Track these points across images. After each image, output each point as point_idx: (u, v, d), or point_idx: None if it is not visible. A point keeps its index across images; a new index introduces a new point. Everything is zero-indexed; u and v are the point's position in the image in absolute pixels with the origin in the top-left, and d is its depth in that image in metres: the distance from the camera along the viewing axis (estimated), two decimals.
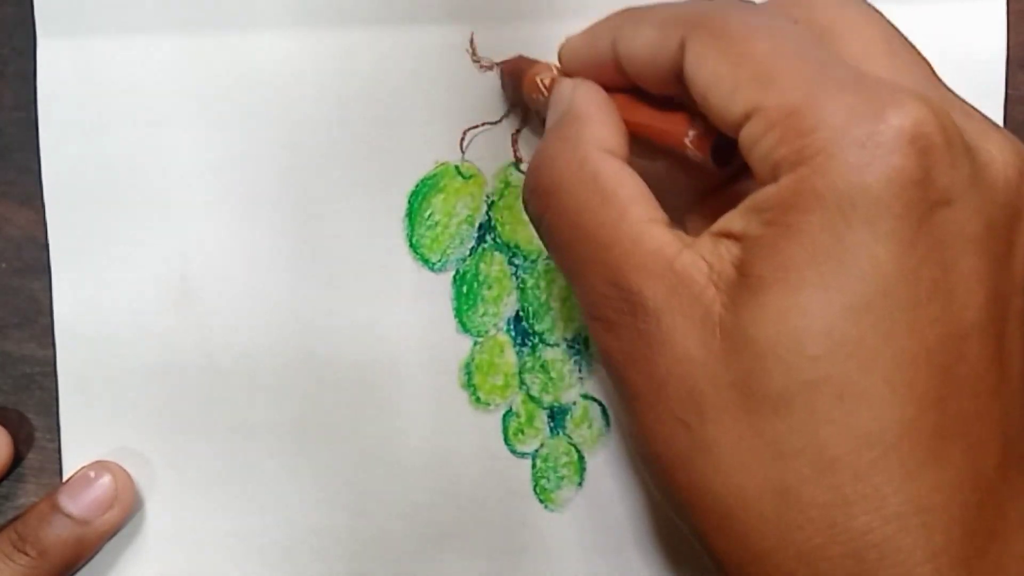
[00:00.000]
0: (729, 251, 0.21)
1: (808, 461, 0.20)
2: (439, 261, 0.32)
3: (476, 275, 0.32)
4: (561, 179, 0.24)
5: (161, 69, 0.31)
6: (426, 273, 0.32)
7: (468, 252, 0.32)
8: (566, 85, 0.26)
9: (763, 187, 0.21)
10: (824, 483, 0.20)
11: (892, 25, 0.24)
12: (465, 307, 0.32)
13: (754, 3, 0.24)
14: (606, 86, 0.26)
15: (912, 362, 0.20)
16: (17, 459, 0.33)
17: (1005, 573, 0.21)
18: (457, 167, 0.31)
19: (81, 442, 0.32)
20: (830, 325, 0.20)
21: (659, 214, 0.23)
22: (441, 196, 0.32)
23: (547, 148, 0.25)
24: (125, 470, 0.32)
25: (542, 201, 0.24)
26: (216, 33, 0.31)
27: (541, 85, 0.27)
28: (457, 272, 0.32)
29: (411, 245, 0.32)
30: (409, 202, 0.32)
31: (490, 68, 0.31)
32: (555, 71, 0.28)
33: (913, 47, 0.24)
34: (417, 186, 0.31)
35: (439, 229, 0.32)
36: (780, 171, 0.21)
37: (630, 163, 0.24)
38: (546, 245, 0.25)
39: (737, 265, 0.21)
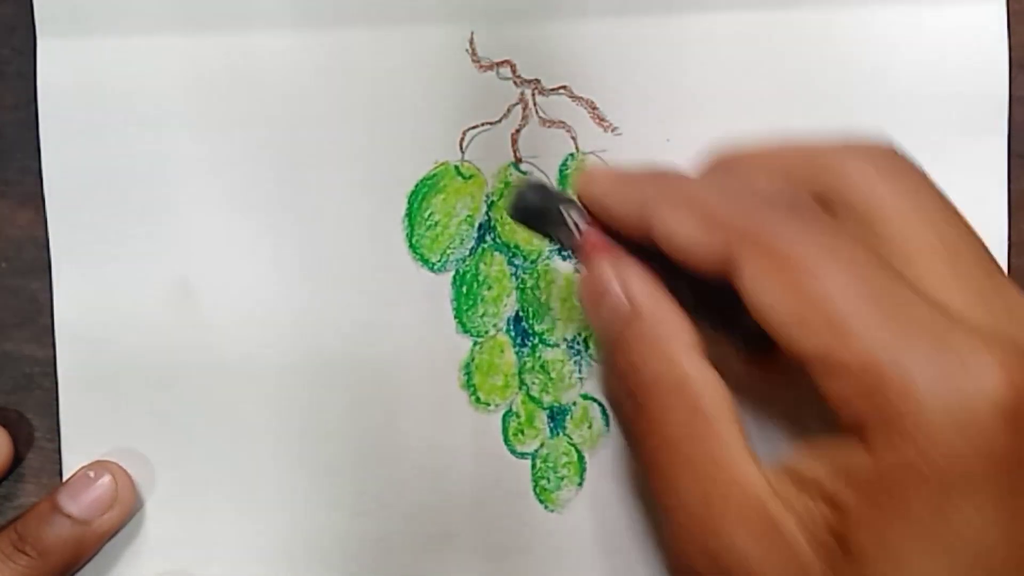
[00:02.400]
0: (821, 512, 0.20)
1: None
2: (439, 261, 0.32)
3: (476, 275, 0.32)
4: (652, 388, 0.22)
5: (161, 69, 0.31)
6: (426, 273, 0.32)
7: (468, 252, 0.32)
8: (605, 270, 0.23)
9: (850, 445, 0.20)
10: None
11: (945, 208, 0.22)
12: (465, 307, 0.32)
13: (811, 211, 0.22)
14: (635, 241, 0.23)
15: None
16: (17, 459, 0.33)
17: None
18: (457, 167, 0.31)
19: (81, 442, 0.32)
20: None
21: (740, 432, 0.22)
22: (441, 196, 0.32)
23: (632, 350, 0.23)
24: (125, 470, 0.32)
25: (629, 409, 0.23)
26: (216, 33, 0.31)
27: (571, 225, 0.24)
28: (457, 272, 0.32)
29: (411, 245, 0.32)
30: (409, 202, 0.32)
31: (490, 68, 0.31)
32: (569, 218, 0.24)
33: (969, 232, 0.22)
34: (417, 186, 0.31)
35: (439, 229, 0.32)
36: (866, 428, 0.20)
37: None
38: (634, 455, 0.23)
39: (833, 531, 0.20)
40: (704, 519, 0.21)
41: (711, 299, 0.23)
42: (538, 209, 0.24)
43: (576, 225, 0.24)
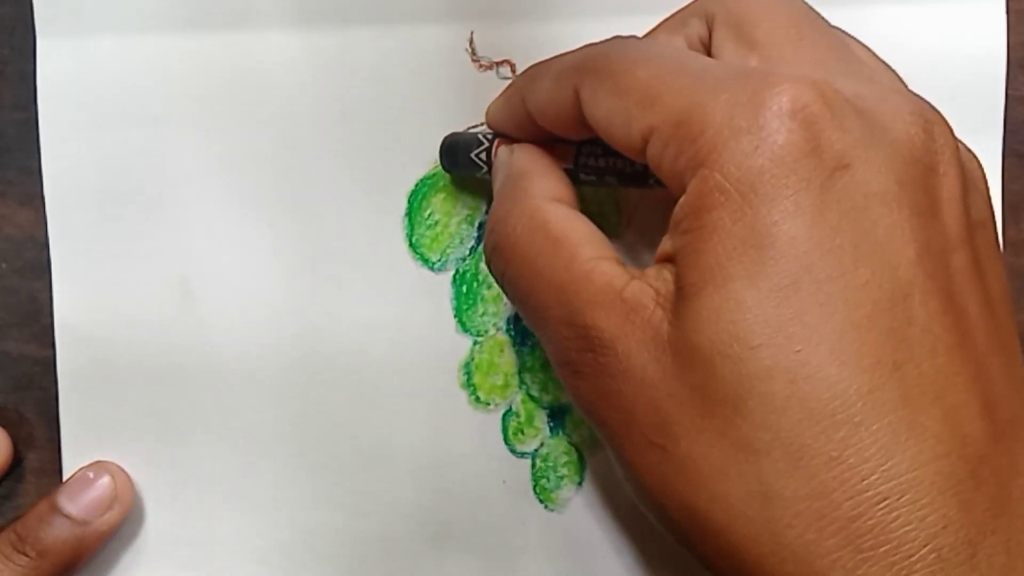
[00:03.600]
0: (671, 272, 0.22)
1: (780, 455, 0.20)
2: (439, 261, 0.32)
3: (476, 275, 0.32)
4: (514, 232, 0.24)
5: (161, 69, 0.31)
6: (426, 273, 0.32)
7: (468, 252, 0.32)
8: (504, 151, 0.27)
9: (680, 203, 0.21)
10: (801, 474, 0.20)
11: (805, 6, 0.24)
12: (465, 307, 0.32)
13: (637, 37, 0.25)
14: (534, 141, 0.27)
15: (855, 331, 0.20)
16: (17, 459, 0.33)
17: (1019, 552, 0.20)
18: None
19: (81, 442, 0.32)
20: (764, 312, 0.20)
21: (609, 252, 0.23)
22: (441, 196, 0.32)
23: (498, 208, 0.26)
24: (124, 470, 0.32)
25: (501, 258, 0.25)
26: (216, 33, 0.31)
27: (478, 160, 0.29)
28: (457, 272, 0.32)
29: (411, 245, 0.32)
30: (409, 202, 0.32)
31: (490, 68, 0.31)
32: (487, 141, 0.28)
33: (825, 24, 0.24)
34: (417, 186, 0.32)
35: (439, 229, 0.32)
36: (685, 179, 0.21)
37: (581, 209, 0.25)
38: (512, 300, 0.25)
39: (676, 281, 0.21)
40: (567, 314, 0.23)
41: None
42: (457, 149, 0.29)
43: (488, 141, 0.28)
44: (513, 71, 0.31)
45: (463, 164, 0.29)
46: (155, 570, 0.33)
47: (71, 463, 0.32)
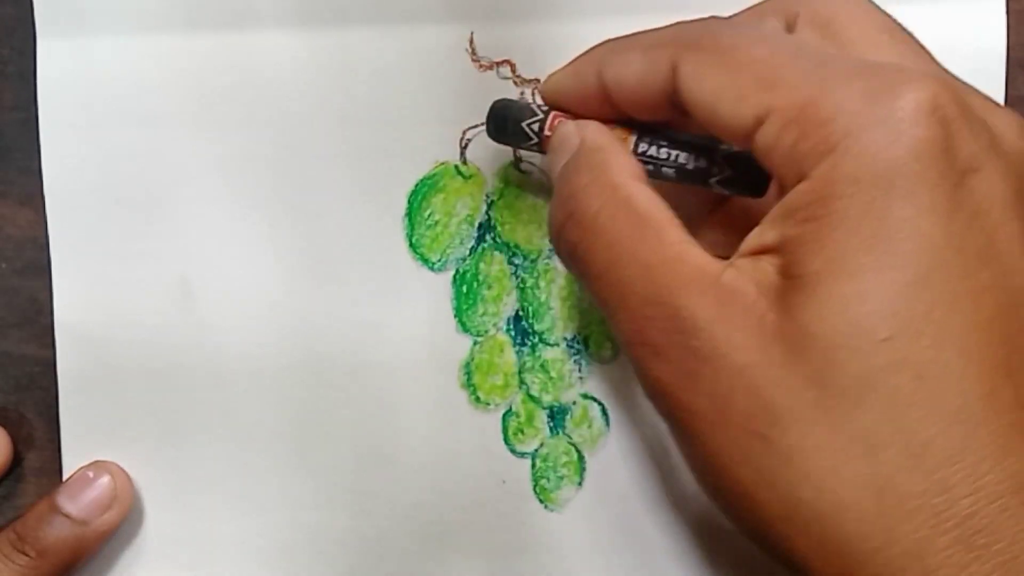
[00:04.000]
0: (771, 263, 0.21)
1: (900, 450, 0.19)
2: (439, 261, 0.32)
3: (476, 275, 0.32)
4: (594, 206, 0.23)
5: (161, 69, 0.31)
6: (426, 273, 0.32)
7: (468, 252, 0.32)
8: (569, 126, 0.26)
9: (790, 189, 0.21)
10: (920, 470, 0.19)
11: (886, 14, 0.24)
12: (465, 307, 0.32)
13: (742, 20, 0.24)
14: (594, 116, 0.26)
15: (979, 332, 0.20)
16: (17, 459, 0.33)
17: None
18: (457, 167, 0.31)
19: (81, 442, 0.32)
20: (895, 305, 0.20)
21: (692, 238, 0.23)
22: (441, 196, 0.32)
23: (573, 180, 0.24)
24: (124, 470, 0.32)
25: (578, 228, 0.24)
26: (216, 33, 0.31)
27: (529, 131, 0.27)
28: (457, 272, 0.32)
29: (411, 245, 0.32)
30: (409, 202, 0.32)
31: (490, 68, 0.31)
32: (540, 113, 0.27)
33: (912, 35, 0.24)
34: (417, 186, 0.31)
35: (439, 229, 0.32)
36: (806, 165, 0.20)
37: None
38: (581, 275, 0.24)
39: (782, 271, 0.21)
40: (651, 292, 0.22)
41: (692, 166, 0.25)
42: (508, 117, 0.28)
43: (543, 113, 0.27)
44: (513, 71, 0.31)
45: (512, 133, 0.28)
46: (155, 570, 0.33)
47: (71, 463, 0.32)
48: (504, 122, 0.28)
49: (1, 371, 0.33)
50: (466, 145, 0.31)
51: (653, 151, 0.25)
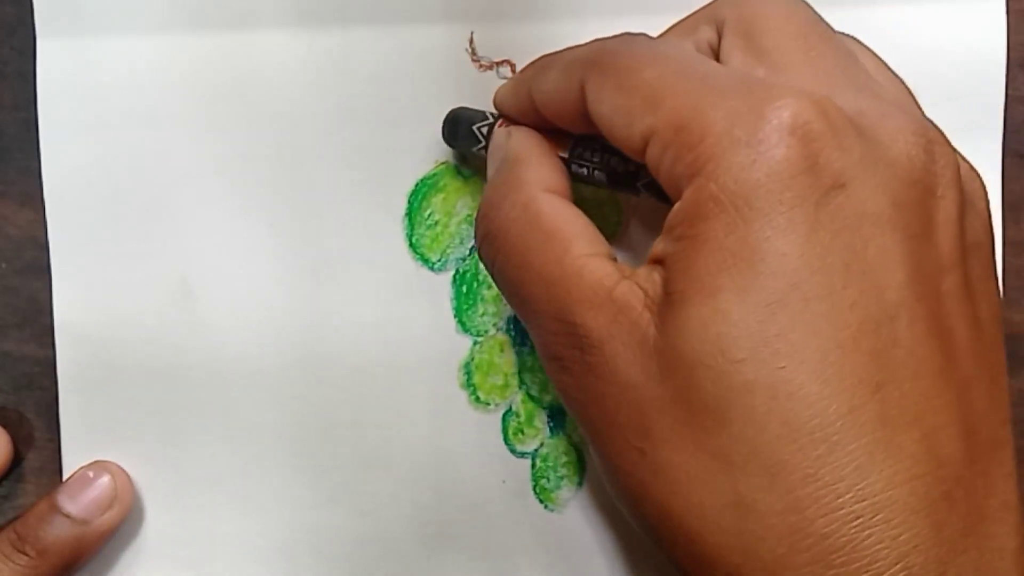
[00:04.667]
0: (660, 275, 0.22)
1: (757, 469, 0.20)
2: (439, 261, 0.32)
3: (476, 275, 0.32)
4: (507, 222, 0.24)
5: (161, 69, 0.31)
6: (426, 273, 0.32)
7: (468, 252, 0.32)
8: (500, 133, 0.27)
9: (676, 208, 0.21)
10: (777, 489, 0.20)
11: (814, 16, 0.24)
12: (465, 307, 0.32)
13: (648, 36, 0.25)
14: (536, 126, 0.27)
15: (839, 351, 0.20)
16: (17, 459, 0.33)
17: (989, 571, 0.20)
18: (457, 167, 0.31)
19: (81, 442, 0.32)
20: (749, 326, 0.20)
21: (602, 248, 0.23)
22: (441, 196, 0.32)
23: (491, 194, 0.25)
24: (124, 470, 0.32)
25: (492, 246, 0.25)
26: (216, 33, 0.31)
27: (479, 133, 0.28)
28: (457, 272, 0.32)
29: (411, 245, 0.32)
30: (409, 202, 0.32)
31: (490, 68, 0.31)
32: (491, 118, 0.28)
33: (833, 35, 0.24)
34: (417, 186, 0.32)
35: (439, 229, 0.32)
36: (682, 185, 0.21)
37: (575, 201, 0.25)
38: (501, 290, 0.25)
39: (664, 286, 0.21)
40: (556, 310, 0.23)
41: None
42: (461, 120, 0.29)
43: (493, 119, 0.28)
44: (513, 71, 0.31)
45: (463, 136, 0.29)
46: (155, 570, 0.33)
47: (71, 463, 0.32)
48: (456, 126, 0.29)
49: (1, 371, 0.33)
50: None
51: (588, 155, 0.26)
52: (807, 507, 0.19)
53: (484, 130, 0.28)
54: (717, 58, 0.25)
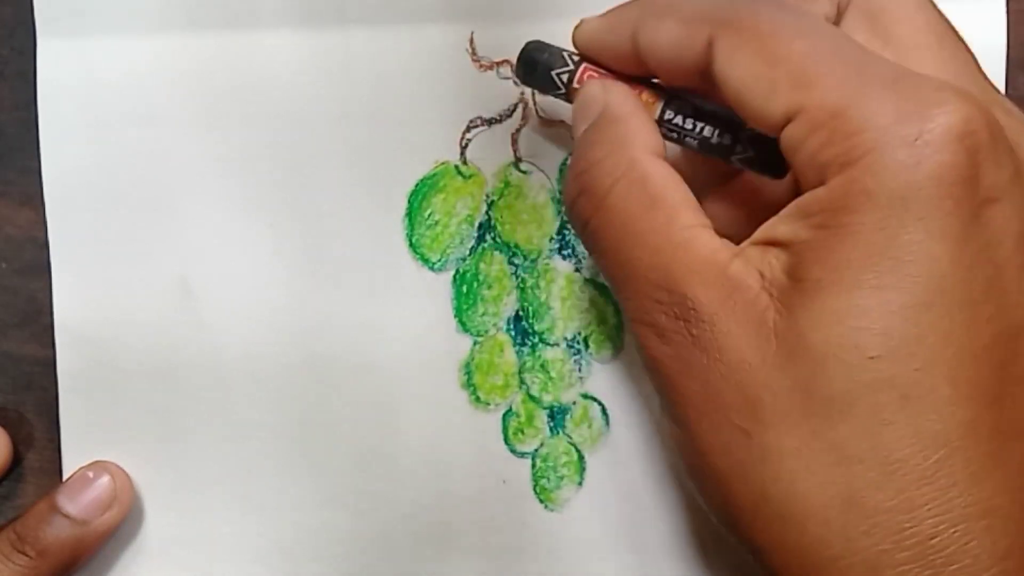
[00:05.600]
0: (778, 259, 0.21)
1: (873, 465, 0.20)
2: (439, 261, 0.32)
3: (476, 275, 0.32)
4: (608, 182, 0.23)
5: (161, 69, 0.31)
6: (426, 273, 0.32)
7: (468, 252, 0.32)
8: (595, 86, 0.25)
9: (809, 191, 0.21)
10: (890, 487, 0.20)
11: (940, 12, 0.24)
12: (465, 307, 0.32)
13: (786, 2, 0.23)
14: (625, 73, 0.25)
15: (972, 361, 0.20)
16: (17, 459, 0.33)
17: None
18: (457, 167, 0.31)
19: (81, 442, 0.32)
20: (889, 325, 0.20)
21: (706, 220, 0.23)
22: (441, 196, 0.32)
23: (591, 150, 0.24)
24: (124, 470, 0.32)
25: (590, 204, 0.24)
26: (216, 33, 0.31)
27: (558, 80, 0.27)
28: (457, 272, 0.32)
29: (411, 245, 0.32)
30: (409, 202, 0.32)
31: (490, 68, 0.31)
32: (571, 63, 0.26)
33: (959, 36, 0.24)
34: (417, 186, 0.31)
35: (439, 229, 0.32)
36: (828, 173, 0.20)
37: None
38: (591, 249, 0.24)
39: (788, 271, 0.21)
40: (659, 277, 0.22)
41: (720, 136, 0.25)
42: (538, 62, 0.27)
43: (574, 64, 0.26)
44: (513, 71, 0.31)
45: (540, 78, 0.27)
46: (155, 570, 0.33)
47: (71, 463, 0.32)
48: (534, 66, 0.27)
49: (1, 371, 0.33)
50: (466, 145, 0.31)
51: (679, 120, 0.25)
52: (918, 507, 0.20)
53: (564, 78, 0.26)
54: None
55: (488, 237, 0.32)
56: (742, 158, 0.25)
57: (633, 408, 0.32)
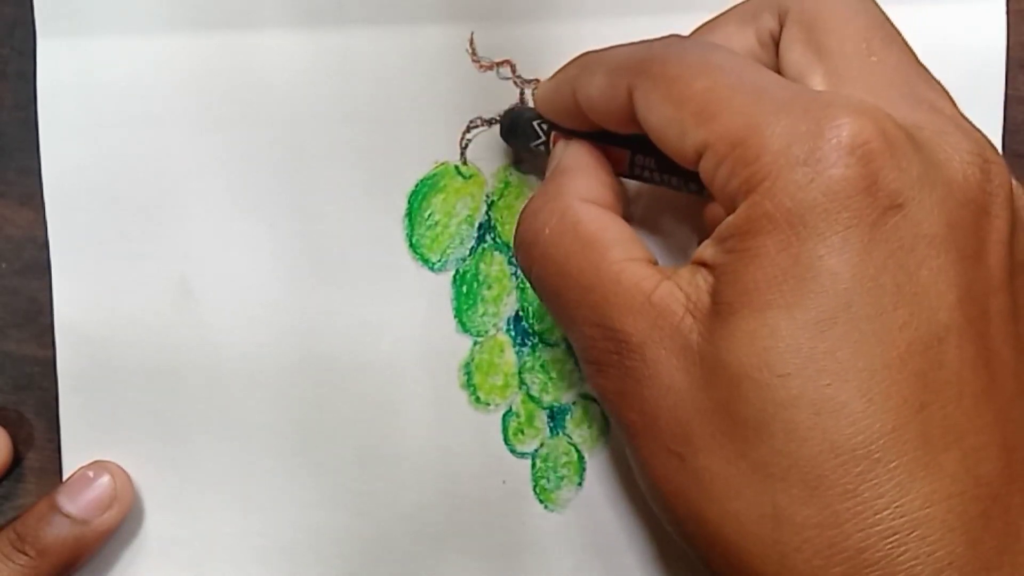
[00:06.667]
0: (705, 280, 0.22)
1: (797, 481, 0.20)
2: (439, 261, 0.32)
3: (476, 275, 0.32)
4: (543, 229, 0.24)
5: (161, 69, 0.31)
6: (426, 273, 0.32)
7: (468, 252, 0.32)
8: (559, 146, 0.27)
9: (724, 219, 0.21)
10: (815, 503, 0.20)
11: (880, 16, 0.24)
12: (465, 307, 0.32)
13: (697, 41, 0.25)
14: (582, 129, 0.27)
15: (886, 371, 0.20)
16: (17, 459, 0.33)
17: None
18: (457, 167, 0.31)
19: (81, 442, 0.32)
20: (797, 343, 0.20)
21: (641, 253, 0.23)
22: (441, 196, 0.32)
23: (532, 203, 0.26)
24: (124, 470, 0.32)
25: (530, 252, 0.25)
26: (216, 33, 0.31)
27: (539, 129, 0.28)
28: (457, 272, 0.32)
29: (411, 245, 0.32)
30: (409, 202, 0.32)
31: (490, 68, 0.31)
32: (541, 132, 0.28)
33: (896, 39, 0.24)
34: (417, 186, 0.31)
35: (439, 229, 0.32)
36: (736, 201, 0.21)
37: (624, 214, 0.25)
38: (538, 295, 0.26)
39: (711, 293, 0.21)
40: (592, 314, 0.23)
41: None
42: (516, 127, 0.29)
43: (545, 131, 0.28)
44: (513, 71, 0.31)
45: (522, 132, 0.29)
46: (155, 570, 0.33)
47: (71, 463, 0.32)
48: (515, 122, 0.29)
49: (1, 371, 0.33)
50: (466, 145, 0.31)
51: (648, 174, 0.26)
52: (845, 521, 0.20)
53: (544, 127, 0.28)
54: (776, 48, 0.25)
55: (488, 237, 0.32)
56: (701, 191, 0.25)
57: None
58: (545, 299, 0.25)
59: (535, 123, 0.28)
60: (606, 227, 0.24)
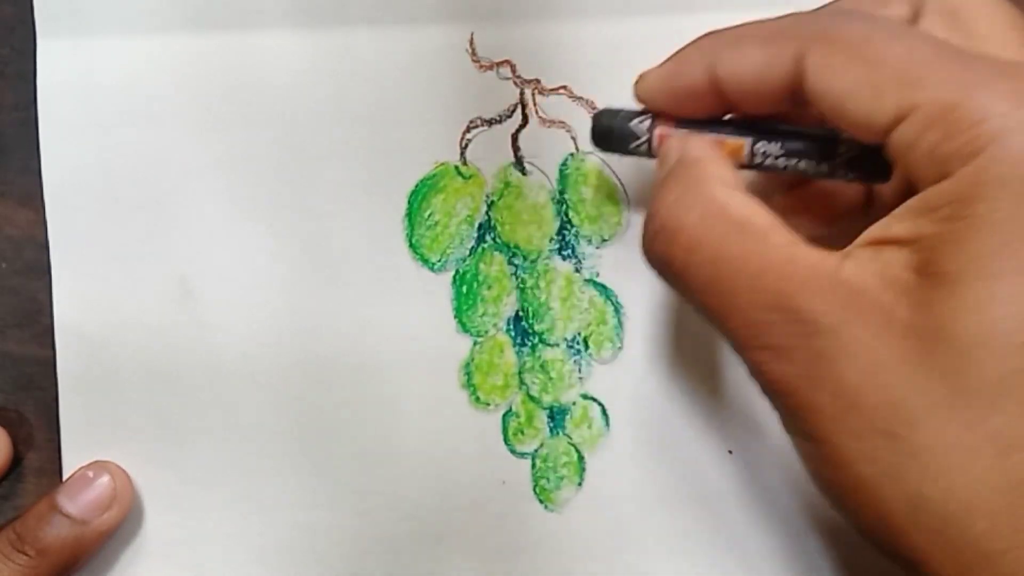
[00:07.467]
0: (896, 257, 0.21)
1: None
2: (439, 261, 0.32)
3: (476, 275, 0.32)
4: (688, 218, 0.23)
5: (161, 69, 0.31)
6: (426, 273, 0.32)
7: (468, 252, 0.32)
8: (675, 140, 0.26)
9: (930, 186, 0.21)
10: None
11: (1016, 10, 0.24)
12: (465, 307, 0.32)
13: (862, 12, 0.23)
14: (696, 115, 0.25)
15: None
16: (17, 459, 0.33)
17: None
18: (457, 167, 0.31)
19: (81, 442, 0.32)
20: None
21: (798, 236, 0.23)
22: (441, 196, 0.32)
23: (667, 193, 0.24)
24: (124, 470, 0.32)
25: (668, 245, 0.23)
26: (216, 33, 0.31)
27: (637, 128, 0.26)
28: (457, 272, 0.32)
29: (411, 245, 0.32)
30: (409, 202, 0.32)
31: (490, 68, 0.31)
32: (643, 131, 0.26)
33: None
34: (417, 186, 0.31)
35: (439, 229, 0.32)
36: (950, 166, 0.20)
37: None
38: (681, 288, 0.24)
39: (916, 267, 0.21)
40: (767, 299, 0.22)
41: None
42: (611, 132, 0.27)
43: (649, 129, 0.26)
44: (513, 71, 0.31)
45: (618, 134, 0.27)
46: (155, 570, 0.33)
47: (71, 463, 0.32)
48: (609, 123, 0.27)
49: (1, 371, 0.33)
50: (466, 145, 0.31)
51: (770, 152, 0.25)
52: None
53: (645, 125, 0.26)
54: None
55: (488, 237, 0.32)
56: (843, 172, 0.25)
57: (633, 408, 0.32)
58: (694, 291, 0.23)
59: (632, 123, 0.26)
60: (756, 212, 0.23)
